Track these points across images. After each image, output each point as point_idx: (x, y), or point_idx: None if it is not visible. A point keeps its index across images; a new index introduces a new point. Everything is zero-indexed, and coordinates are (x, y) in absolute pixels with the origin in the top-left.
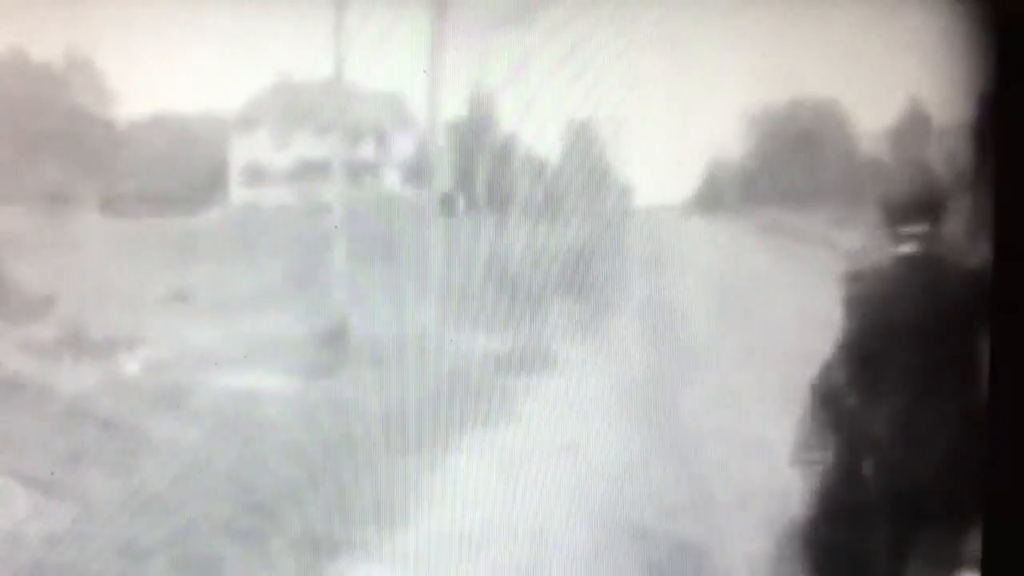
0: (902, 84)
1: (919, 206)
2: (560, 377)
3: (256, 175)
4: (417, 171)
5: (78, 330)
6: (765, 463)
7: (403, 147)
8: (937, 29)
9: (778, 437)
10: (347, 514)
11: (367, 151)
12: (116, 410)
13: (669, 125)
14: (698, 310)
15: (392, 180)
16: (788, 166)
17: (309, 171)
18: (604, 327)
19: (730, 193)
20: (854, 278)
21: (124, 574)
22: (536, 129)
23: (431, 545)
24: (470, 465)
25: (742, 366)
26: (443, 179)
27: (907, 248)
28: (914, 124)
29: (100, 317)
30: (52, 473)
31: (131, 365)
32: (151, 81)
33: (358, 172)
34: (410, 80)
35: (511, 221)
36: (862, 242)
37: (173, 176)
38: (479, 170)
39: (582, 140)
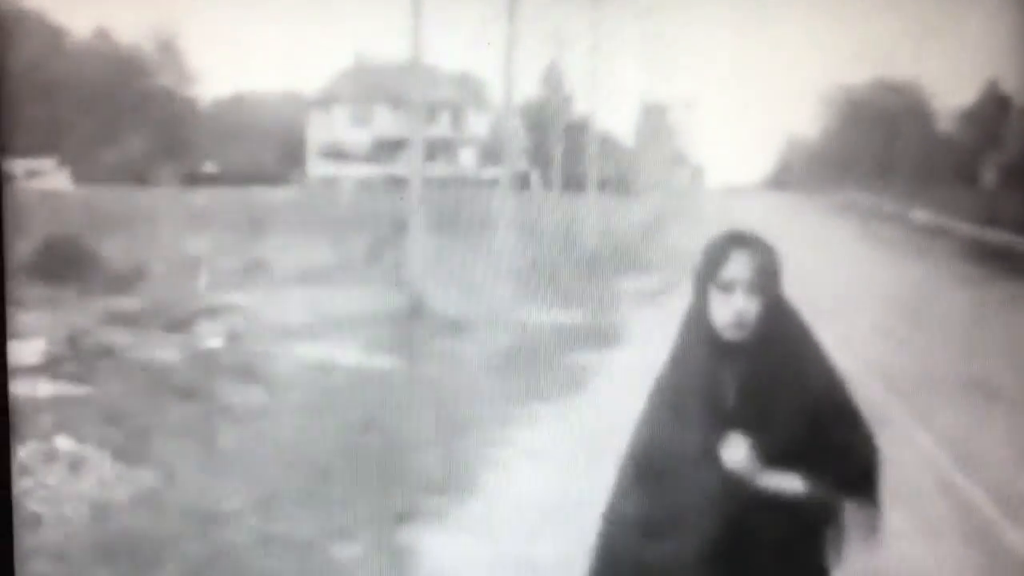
0: (982, 65)
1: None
2: (629, 351)
3: (334, 152)
4: (492, 149)
5: (162, 302)
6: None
7: (479, 126)
8: (1018, 11)
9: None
10: (419, 484)
11: (443, 129)
12: (197, 379)
13: (744, 105)
14: None
15: (468, 158)
16: (864, 145)
17: (386, 149)
18: (674, 303)
19: (804, 172)
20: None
21: (205, 537)
22: (610, 109)
23: (501, 515)
24: (540, 437)
25: None
26: (518, 157)
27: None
28: (993, 104)
29: (182, 290)
30: (139, 439)
31: (212, 336)
32: (232, 61)
33: (434, 150)
34: (485, 60)
35: (584, 199)
36: (936, 220)
37: (253, 153)
38: (553, 149)
39: (656, 119)
